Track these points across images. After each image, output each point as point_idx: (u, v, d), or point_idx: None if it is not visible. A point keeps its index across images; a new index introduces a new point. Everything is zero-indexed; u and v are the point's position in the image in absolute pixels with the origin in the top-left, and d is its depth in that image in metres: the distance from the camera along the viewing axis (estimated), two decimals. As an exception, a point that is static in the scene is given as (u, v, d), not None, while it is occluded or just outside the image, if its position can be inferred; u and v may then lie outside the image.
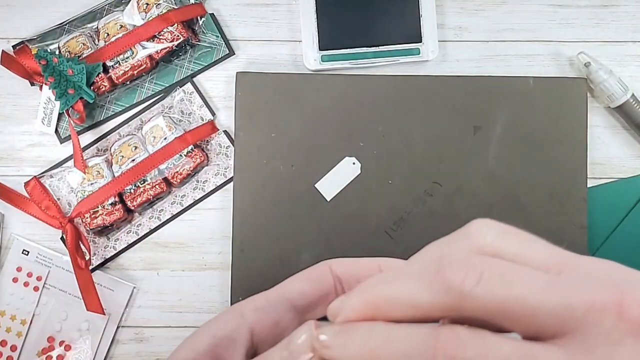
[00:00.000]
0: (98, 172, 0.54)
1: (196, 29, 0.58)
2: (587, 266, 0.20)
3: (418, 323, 0.20)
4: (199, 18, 0.57)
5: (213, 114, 0.58)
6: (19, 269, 0.55)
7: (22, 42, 0.56)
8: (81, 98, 0.54)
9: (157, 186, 0.55)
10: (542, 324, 0.19)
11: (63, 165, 0.57)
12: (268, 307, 0.28)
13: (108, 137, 0.57)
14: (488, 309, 0.19)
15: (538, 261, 0.20)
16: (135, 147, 0.55)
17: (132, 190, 0.54)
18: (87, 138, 0.57)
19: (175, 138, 0.55)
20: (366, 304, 0.22)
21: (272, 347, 0.24)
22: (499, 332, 0.19)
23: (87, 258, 0.54)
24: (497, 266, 0.20)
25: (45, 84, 0.54)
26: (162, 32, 0.55)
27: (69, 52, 0.55)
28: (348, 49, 0.57)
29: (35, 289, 0.55)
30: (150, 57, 0.55)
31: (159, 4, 0.55)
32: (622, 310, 0.18)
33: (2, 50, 0.55)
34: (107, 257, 0.56)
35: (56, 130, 0.57)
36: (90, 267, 0.55)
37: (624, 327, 0.18)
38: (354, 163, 0.56)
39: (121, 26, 0.55)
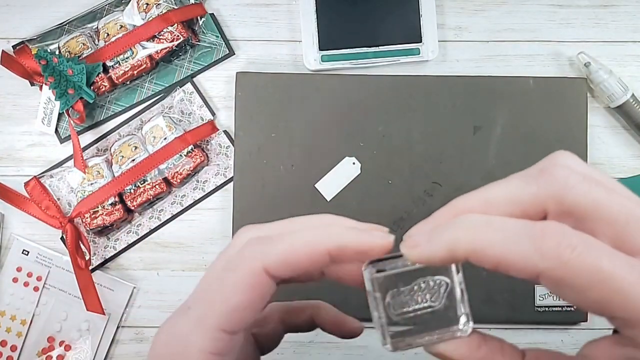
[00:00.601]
0: (98, 172, 0.54)
1: (196, 29, 0.58)
2: None
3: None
4: (199, 18, 0.57)
5: (213, 114, 0.58)
6: (19, 269, 0.55)
7: (22, 42, 0.56)
8: (81, 98, 0.54)
9: (157, 186, 0.55)
10: (632, 233, 0.21)
11: (63, 165, 0.57)
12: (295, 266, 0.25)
13: (108, 137, 0.57)
14: (589, 205, 0.21)
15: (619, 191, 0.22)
16: (135, 147, 0.55)
17: (132, 190, 0.54)
18: (87, 138, 0.57)
19: (175, 138, 0.55)
20: (457, 207, 0.23)
21: None
22: None
23: (87, 258, 0.54)
24: (598, 176, 0.22)
25: (45, 84, 0.54)
26: (162, 32, 0.55)
27: (69, 52, 0.55)
28: (348, 49, 0.57)
29: (35, 289, 0.55)
30: (150, 57, 0.55)
31: (159, 4, 0.55)
32: None
33: (2, 50, 0.55)
34: (107, 257, 0.56)
35: (56, 130, 0.57)
36: (90, 267, 0.55)
37: None
38: (354, 163, 0.56)
39: (121, 26, 0.55)
